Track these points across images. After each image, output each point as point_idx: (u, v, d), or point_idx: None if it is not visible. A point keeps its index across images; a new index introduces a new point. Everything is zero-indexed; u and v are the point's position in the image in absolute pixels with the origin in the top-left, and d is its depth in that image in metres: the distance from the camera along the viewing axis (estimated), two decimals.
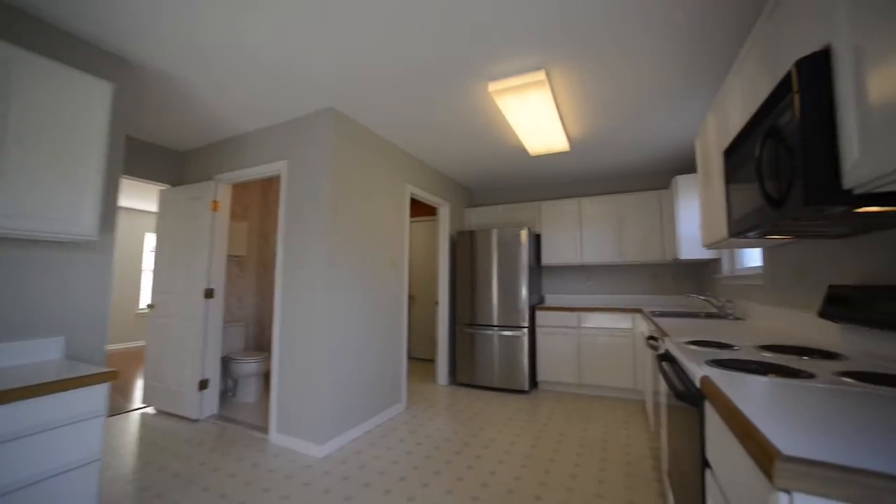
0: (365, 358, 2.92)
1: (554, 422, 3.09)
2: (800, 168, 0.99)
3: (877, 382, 0.93)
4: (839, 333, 1.48)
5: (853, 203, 0.94)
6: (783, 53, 1.23)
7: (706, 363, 1.13)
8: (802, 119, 0.99)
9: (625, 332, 3.74)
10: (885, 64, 0.82)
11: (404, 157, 3.60)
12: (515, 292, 4.02)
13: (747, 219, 1.40)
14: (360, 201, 2.94)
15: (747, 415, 0.70)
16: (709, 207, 2.23)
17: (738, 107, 1.62)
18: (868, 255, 1.39)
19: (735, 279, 2.87)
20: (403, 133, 3.19)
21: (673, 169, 4.23)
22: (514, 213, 4.66)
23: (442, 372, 4.23)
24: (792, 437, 0.61)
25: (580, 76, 2.29)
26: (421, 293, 5.62)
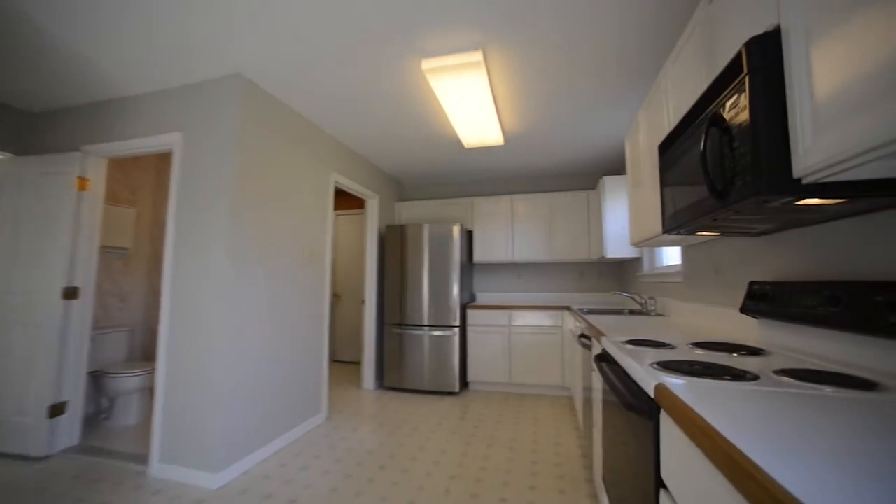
0: (277, 364, 2.55)
1: (485, 424, 2.98)
2: (750, 156, 0.93)
3: (816, 381, 0.89)
4: (757, 328, 1.52)
5: (800, 193, 0.89)
6: (725, 38, 1.18)
7: (653, 366, 1.04)
8: (753, 103, 0.92)
9: (554, 330, 3.78)
10: (840, 42, 0.76)
11: (330, 143, 3.25)
12: (447, 290, 3.87)
13: (683, 213, 1.36)
14: (275, 188, 2.55)
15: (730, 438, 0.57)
16: (638, 206, 2.26)
17: (675, 98, 1.60)
18: (783, 252, 1.43)
19: (655, 277, 3.00)
20: (329, 114, 2.85)
21: (601, 170, 4.39)
22: (446, 209, 4.52)
23: (368, 376, 3.94)
24: (793, 469, 0.48)
25: (518, 63, 2.17)
26: (347, 291, 5.25)
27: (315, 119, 2.95)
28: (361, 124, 3.06)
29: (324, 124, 3.06)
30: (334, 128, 3.13)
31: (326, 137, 3.21)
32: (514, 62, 2.17)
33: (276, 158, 2.59)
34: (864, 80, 0.70)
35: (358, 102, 2.67)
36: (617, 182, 3.51)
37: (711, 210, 1.14)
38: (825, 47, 0.80)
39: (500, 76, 2.32)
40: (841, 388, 0.84)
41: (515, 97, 2.60)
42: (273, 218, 2.55)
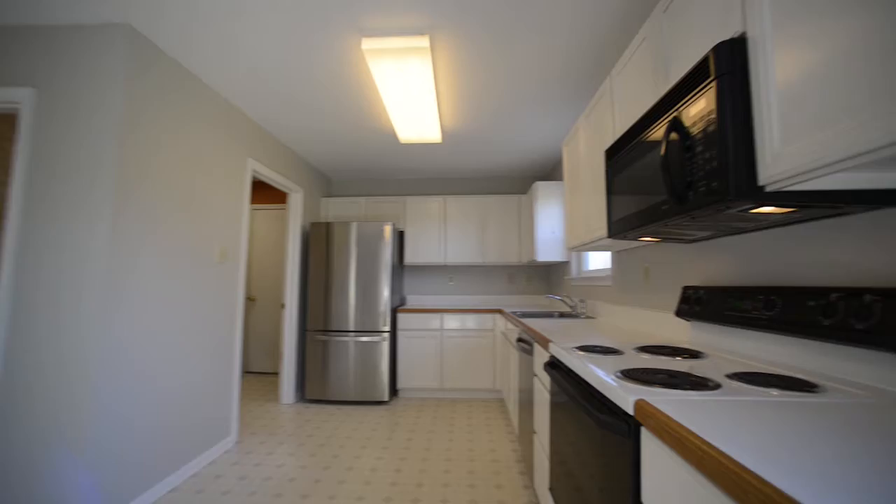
0: (173, 382, 2.12)
1: (418, 435, 2.83)
2: (717, 162, 0.92)
3: (765, 385, 0.90)
4: (689, 330, 1.60)
5: (761, 201, 0.90)
6: (682, 46, 1.20)
7: (619, 377, 0.99)
8: (720, 108, 0.92)
9: (486, 333, 3.77)
10: (807, 52, 0.76)
11: (249, 127, 2.84)
12: (376, 293, 3.65)
13: (633, 218, 1.37)
14: (179, 173, 2.13)
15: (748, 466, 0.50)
16: (575, 211, 2.30)
17: (622, 105, 1.62)
18: (715, 259, 1.52)
19: (584, 280, 3.12)
20: (249, 94, 2.48)
21: (533, 175, 4.52)
22: (377, 207, 4.29)
23: (288, 388, 3.55)
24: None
25: (466, 57, 2.08)
26: (263, 294, 4.72)
27: (233, 98, 2.55)
28: (288, 109, 2.72)
29: (244, 105, 2.66)
30: (255, 110, 2.75)
31: (246, 121, 2.80)
32: (462, 55, 2.07)
33: (182, 138, 2.16)
34: (833, 92, 0.71)
35: (285, 83, 2.36)
36: (549, 188, 3.62)
37: (669, 215, 1.14)
38: (793, 56, 0.80)
39: (445, 68, 2.20)
40: (786, 392, 0.86)
41: (458, 94, 2.51)
42: (175, 209, 2.12)
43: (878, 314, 0.85)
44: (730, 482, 0.52)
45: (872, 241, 0.94)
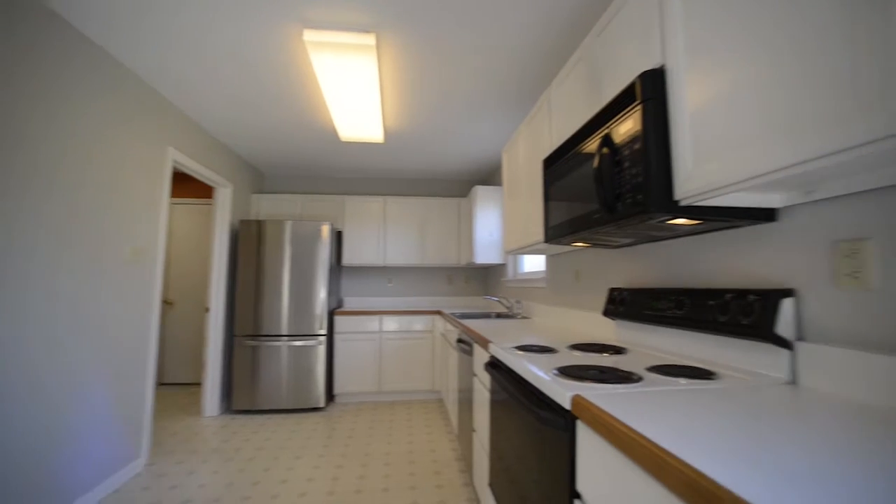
0: (67, 400, 1.84)
1: (356, 440, 2.76)
2: (642, 177, 1.02)
3: (676, 375, 1.03)
4: (615, 328, 1.75)
5: (676, 213, 1.02)
6: (611, 69, 1.32)
7: (556, 375, 1.06)
8: (645, 130, 1.03)
9: (425, 335, 3.79)
10: (713, 86, 0.89)
11: (170, 112, 2.57)
12: (312, 295, 3.50)
13: (568, 225, 1.47)
14: (76, 156, 1.86)
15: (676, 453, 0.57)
16: (514, 216, 2.41)
17: (559, 118, 1.73)
18: (636, 263, 1.69)
19: (519, 282, 3.27)
20: (171, 75, 2.24)
21: (474, 179, 4.63)
22: (313, 206, 4.11)
23: (212, 399, 3.26)
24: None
25: (413, 59, 2.08)
26: (184, 297, 4.29)
27: (151, 80, 2.29)
28: (217, 95, 2.51)
29: (163, 87, 2.40)
30: (178, 94, 2.49)
31: (165, 105, 2.53)
32: (409, 57, 2.07)
33: (83, 117, 1.89)
34: (732, 123, 0.83)
35: (214, 65, 2.17)
36: (488, 192, 3.74)
37: (600, 223, 1.24)
38: (702, 89, 0.92)
39: (391, 68, 2.18)
40: (691, 380, 0.99)
41: (403, 95, 2.50)
42: (74, 200, 1.85)
43: (757, 311, 1.01)
44: (651, 462, 0.58)
45: (753, 250, 1.11)
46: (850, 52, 0.63)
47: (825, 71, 0.66)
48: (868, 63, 0.60)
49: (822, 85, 0.67)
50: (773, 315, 0.96)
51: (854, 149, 0.63)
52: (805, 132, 0.69)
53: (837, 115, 0.64)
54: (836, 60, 0.65)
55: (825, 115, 0.66)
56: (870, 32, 0.60)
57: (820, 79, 0.67)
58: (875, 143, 0.61)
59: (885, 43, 0.58)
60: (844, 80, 0.63)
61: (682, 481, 0.52)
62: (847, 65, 0.63)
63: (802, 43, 0.70)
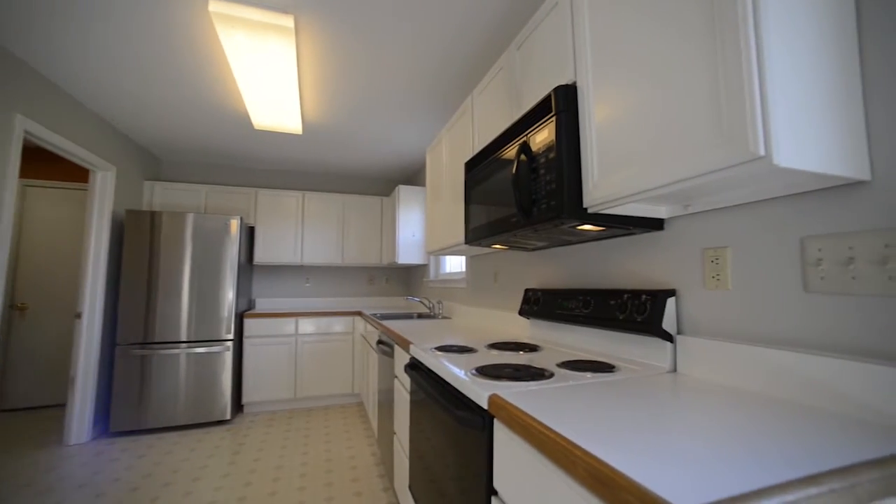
0: None
1: (267, 453, 2.55)
2: (556, 184, 1.09)
3: (582, 370, 1.12)
4: (529, 327, 1.85)
5: (584, 220, 1.11)
6: (530, 80, 1.38)
7: (474, 374, 1.08)
8: (559, 140, 1.10)
9: (345, 337, 3.65)
10: (615, 104, 0.98)
11: (21, 72, 2.11)
12: (218, 297, 3.17)
13: (487, 228, 1.52)
14: None
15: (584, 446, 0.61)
16: (436, 217, 2.43)
17: (481, 123, 1.78)
18: (549, 265, 1.80)
19: (441, 283, 3.32)
20: (21, 30, 1.83)
21: (397, 178, 4.57)
22: (221, 198, 3.72)
23: (80, 422, 2.75)
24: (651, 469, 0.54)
25: (337, 47, 1.98)
26: (42, 300, 3.58)
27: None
28: (95, 60, 2.13)
29: (12, 43, 1.97)
30: (36, 52, 2.06)
31: (15, 63, 2.07)
32: (331, 45, 1.96)
33: None
34: (627, 141, 0.93)
35: (93, 26, 1.84)
36: (412, 192, 3.73)
37: (516, 227, 1.30)
38: (605, 109, 1.01)
39: (311, 55, 2.05)
40: (596, 374, 1.09)
41: (325, 85, 2.37)
42: None
43: (648, 309, 1.14)
44: (561, 455, 0.62)
45: (646, 255, 1.25)
46: (710, 83, 0.73)
47: (695, 101, 0.76)
48: (724, 95, 0.71)
49: (693, 114, 0.77)
50: (660, 313, 1.10)
51: (716, 172, 0.74)
52: (683, 154, 0.78)
53: (705, 142, 0.75)
54: (702, 91, 0.75)
55: (697, 141, 0.76)
56: (725, 66, 0.70)
57: (691, 108, 0.77)
58: (730, 168, 0.71)
59: (735, 77, 0.68)
60: (709, 110, 0.74)
61: (588, 472, 0.56)
62: (707, 96, 0.74)
63: (680, 72, 0.80)
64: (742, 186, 0.88)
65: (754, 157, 0.65)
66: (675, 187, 0.82)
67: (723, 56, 0.71)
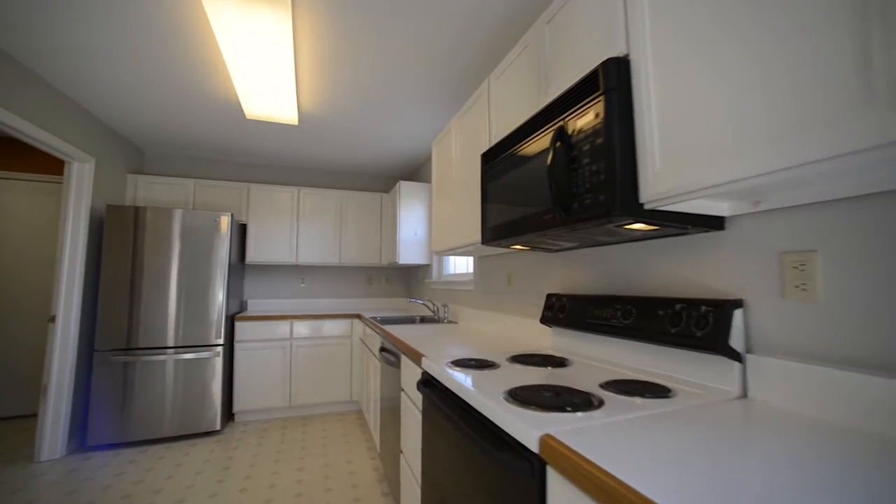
0: None
1: (260, 469, 2.36)
2: (605, 175, 0.92)
3: (631, 393, 0.95)
4: (551, 336, 1.68)
5: (639, 217, 0.94)
6: (564, 58, 1.21)
7: (505, 398, 0.91)
8: (609, 124, 0.92)
9: (343, 340, 3.46)
10: (688, 78, 0.81)
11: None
12: (207, 299, 2.96)
13: (511, 226, 1.34)
14: None
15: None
16: (444, 215, 2.25)
17: (500, 110, 1.60)
18: (576, 268, 1.63)
19: (444, 284, 3.13)
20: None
21: (397, 174, 4.38)
22: (210, 193, 3.50)
23: (53, 436, 2.52)
24: None
25: (337, 25, 1.78)
26: (13, 302, 3.34)
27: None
28: (71, 46, 1.91)
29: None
30: (9, 36, 1.84)
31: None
32: (331, 25, 1.77)
33: None
34: (711, 120, 0.76)
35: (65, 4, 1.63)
36: (413, 188, 3.54)
37: (550, 225, 1.12)
38: (672, 85, 0.84)
39: (309, 37, 1.86)
40: (651, 398, 0.92)
41: (324, 72, 2.18)
42: None
43: (711, 323, 0.97)
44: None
45: (701, 259, 1.09)
46: (855, 48, 0.56)
47: (819, 69, 0.60)
48: (880, 61, 0.54)
49: (814, 84, 0.60)
50: (726, 327, 0.93)
51: (853, 154, 0.57)
52: (811, 131, 0.61)
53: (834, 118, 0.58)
54: (834, 58, 0.58)
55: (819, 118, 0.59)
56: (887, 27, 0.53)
57: (812, 77, 0.60)
58: (878, 148, 0.55)
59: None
60: (846, 79, 0.57)
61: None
62: (849, 61, 0.57)
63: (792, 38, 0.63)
64: (854, 176, 0.71)
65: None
66: (778, 176, 0.65)
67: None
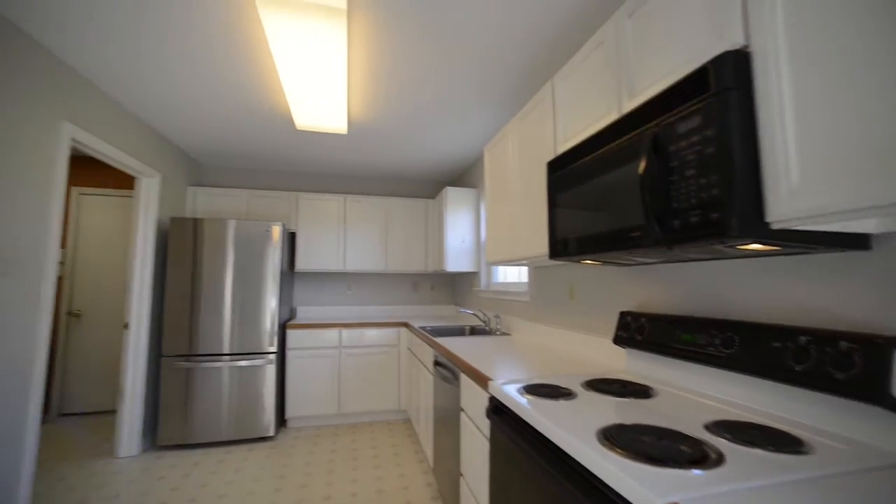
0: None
1: (314, 478, 2.37)
2: (718, 190, 0.79)
3: (750, 442, 0.81)
4: (625, 358, 1.54)
5: (764, 238, 0.80)
6: (652, 55, 1.07)
7: (601, 441, 0.80)
8: (724, 130, 0.79)
9: (390, 349, 3.44)
10: (837, 74, 0.67)
11: (68, 77, 2.01)
12: (260, 308, 3.03)
13: (590, 242, 1.22)
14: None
15: None
16: (501, 223, 2.14)
17: (569, 115, 1.47)
18: (654, 284, 1.48)
19: (495, 293, 3.03)
20: (68, 37, 1.71)
21: (442, 179, 4.32)
22: (261, 203, 3.60)
23: (130, 434, 2.68)
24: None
25: (392, 33, 1.74)
26: (95, 307, 3.60)
27: (40, 35, 1.75)
28: (140, 67, 2.00)
29: (60, 48, 1.86)
30: (85, 60, 1.95)
31: (63, 70, 1.97)
32: (387, 33, 1.73)
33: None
34: (882, 127, 0.61)
35: (136, 29, 1.69)
36: (460, 194, 3.46)
37: (642, 244, 1.00)
38: (816, 80, 0.70)
39: (362, 45, 1.82)
40: (779, 453, 0.78)
41: (375, 79, 2.14)
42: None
43: (858, 363, 0.81)
44: None
45: (834, 283, 0.92)
46: None
47: None
48: None
49: None
50: (885, 372, 0.77)
51: None
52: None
53: None
54: None
55: None
56: None
57: None
58: None
59: None
60: None
61: None
62: None
63: None
64: None
65: None
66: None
67: None
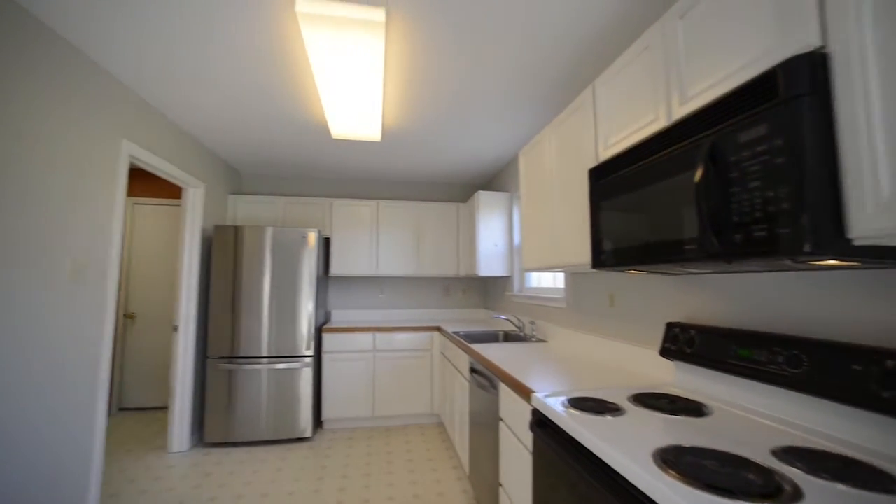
0: None
1: (352, 480, 2.41)
2: (790, 204, 0.73)
3: (830, 474, 0.75)
4: (673, 371, 1.47)
5: (844, 255, 0.74)
6: (706, 59, 1.02)
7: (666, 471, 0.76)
8: (797, 139, 0.74)
9: (423, 353, 3.46)
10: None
11: (126, 99, 2.14)
12: (297, 311, 3.12)
13: (637, 252, 1.18)
14: None
15: None
16: (537, 229, 2.11)
17: (611, 121, 1.43)
18: (703, 295, 1.41)
19: (529, 298, 2.98)
20: (127, 55, 1.83)
21: (473, 183, 4.31)
22: (297, 210, 3.71)
23: (180, 431, 2.83)
24: None
25: (428, 41, 1.74)
26: (148, 309, 3.82)
27: (99, 58, 1.87)
28: (186, 81, 2.11)
29: (118, 70, 1.98)
30: (138, 79, 2.08)
31: (121, 90, 2.11)
32: (423, 41, 1.73)
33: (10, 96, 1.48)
34: None
35: (182, 45, 1.78)
36: (492, 198, 3.44)
37: (697, 258, 0.95)
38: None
39: (399, 54, 1.84)
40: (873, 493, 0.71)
41: (411, 88, 2.16)
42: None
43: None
44: None
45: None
46: None
47: None
48: None
49: None
50: None
51: None
52: None
53: None
54: None
55: None
56: None
57: None
58: None
59: None
60: None
61: None
62: None
63: None
64: None
65: None
66: None
67: None
